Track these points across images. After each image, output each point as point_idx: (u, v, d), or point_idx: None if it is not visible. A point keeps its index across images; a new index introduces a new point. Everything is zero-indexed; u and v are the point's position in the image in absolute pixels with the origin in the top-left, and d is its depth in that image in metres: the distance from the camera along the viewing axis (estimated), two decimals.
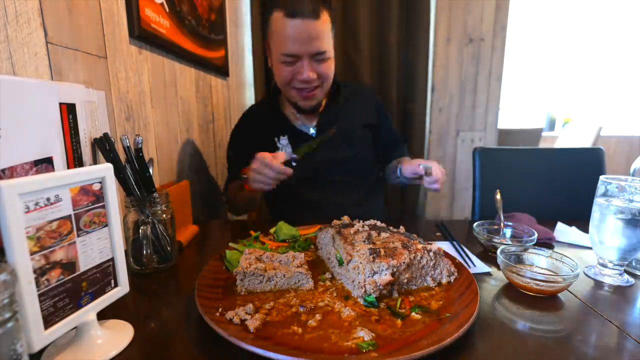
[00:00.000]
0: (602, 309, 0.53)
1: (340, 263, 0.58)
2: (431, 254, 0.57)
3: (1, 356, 0.29)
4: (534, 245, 0.71)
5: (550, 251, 0.64)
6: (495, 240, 0.74)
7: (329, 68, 1.02)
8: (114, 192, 0.44)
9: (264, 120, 1.16)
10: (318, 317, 0.47)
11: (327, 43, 0.98)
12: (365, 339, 0.42)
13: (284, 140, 1.13)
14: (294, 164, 0.91)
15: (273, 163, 0.84)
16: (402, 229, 0.70)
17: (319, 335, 0.44)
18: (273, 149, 1.13)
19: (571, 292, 0.58)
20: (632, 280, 0.62)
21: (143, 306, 0.55)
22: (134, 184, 0.63)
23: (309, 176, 1.09)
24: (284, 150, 1.11)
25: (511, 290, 0.58)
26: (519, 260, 0.65)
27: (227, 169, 1.21)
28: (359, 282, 0.52)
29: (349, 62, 1.91)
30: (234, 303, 0.51)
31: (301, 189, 1.09)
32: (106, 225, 0.44)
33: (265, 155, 0.85)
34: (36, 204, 0.35)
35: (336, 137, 1.01)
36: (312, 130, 1.13)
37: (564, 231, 0.87)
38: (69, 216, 0.39)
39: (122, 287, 0.47)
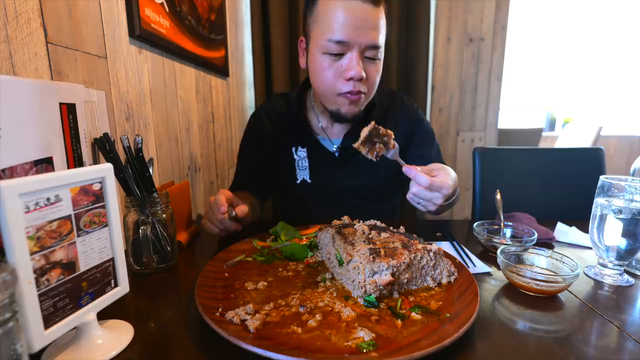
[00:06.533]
0: (602, 309, 0.53)
1: (340, 263, 0.58)
2: (431, 254, 0.57)
3: (1, 356, 0.29)
4: (534, 245, 0.71)
5: (550, 251, 0.64)
6: (495, 240, 0.74)
7: (379, 73, 0.85)
8: (114, 192, 0.44)
9: (282, 123, 1.02)
10: (318, 317, 0.47)
11: (382, 41, 0.81)
12: (365, 339, 0.42)
13: (302, 153, 0.99)
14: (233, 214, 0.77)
15: (219, 209, 0.72)
16: (402, 229, 0.70)
17: (319, 335, 0.44)
18: (290, 158, 1.01)
19: (571, 292, 0.58)
20: (632, 280, 0.62)
21: (143, 306, 0.55)
22: (134, 184, 0.63)
23: (327, 202, 1.00)
24: (298, 165, 1.01)
25: (511, 290, 0.58)
26: (519, 260, 0.65)
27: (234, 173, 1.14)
28: (359, 282, 0.52)
29: None
30: (234, 303, 0.51)
31: (318, 212, 0.98)
32: (106, 225, 0.44)
33: (220, 198, 0.74)
34: (36, 204, 0.35)
35: (360, 164, 0.92)
36: (334, 148, 0.98)
37: (564, 231, 0.87)
38: (69, 216, 0.39)
39: (122, 287, 0.47)
